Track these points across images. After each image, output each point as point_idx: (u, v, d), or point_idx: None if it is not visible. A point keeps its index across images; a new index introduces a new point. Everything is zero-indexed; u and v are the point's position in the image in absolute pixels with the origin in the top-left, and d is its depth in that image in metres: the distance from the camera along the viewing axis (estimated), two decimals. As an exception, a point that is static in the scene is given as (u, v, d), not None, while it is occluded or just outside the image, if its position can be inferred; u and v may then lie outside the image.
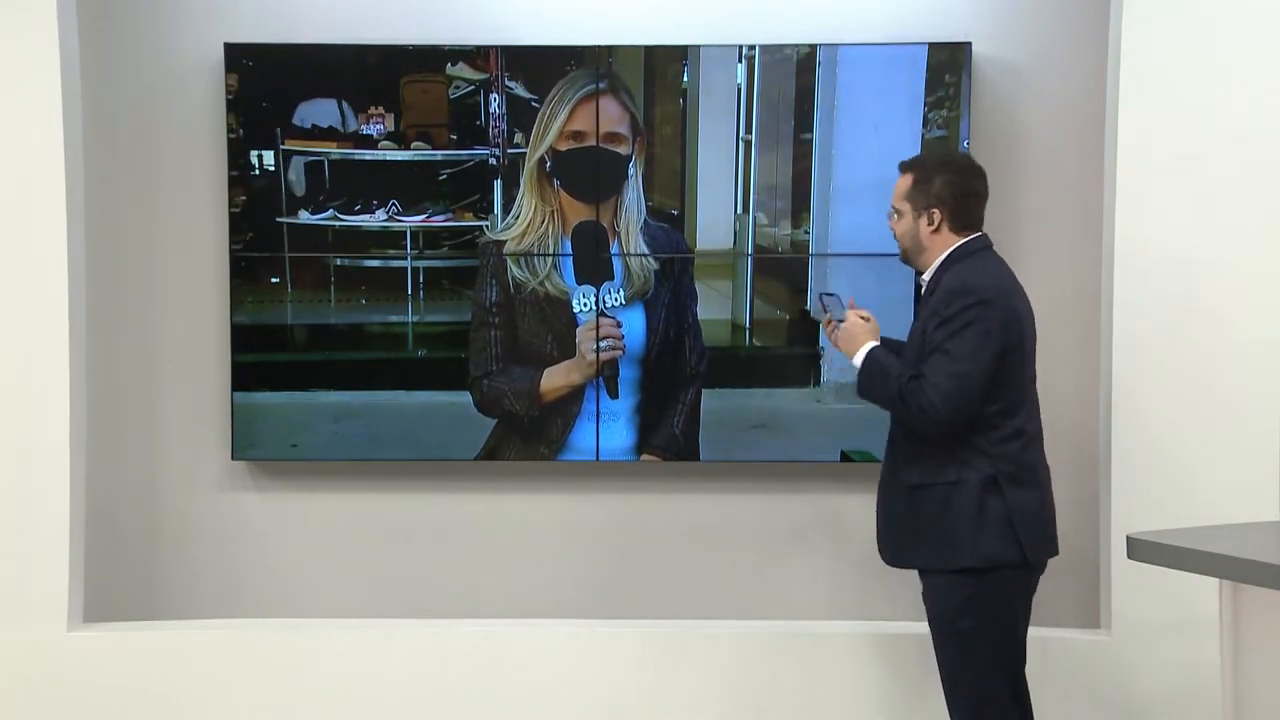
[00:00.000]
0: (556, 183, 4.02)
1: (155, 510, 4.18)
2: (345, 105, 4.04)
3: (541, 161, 4.02)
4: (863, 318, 3.31)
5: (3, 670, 3.89)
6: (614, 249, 4.03)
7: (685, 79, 4.03)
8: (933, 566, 3.20)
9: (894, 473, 3.27)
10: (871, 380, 3.22)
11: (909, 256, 3.32)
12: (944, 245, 3.23)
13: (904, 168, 3.32)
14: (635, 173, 4.01)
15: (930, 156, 3.54)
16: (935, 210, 3.23)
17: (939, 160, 3.36)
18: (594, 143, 4.00)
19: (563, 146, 4.01)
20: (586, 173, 4.01)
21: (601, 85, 3.99)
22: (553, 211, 4.03)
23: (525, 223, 4.03)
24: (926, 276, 3.26)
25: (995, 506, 3.13)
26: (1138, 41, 3.73)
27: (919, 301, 3.38)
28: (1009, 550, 3.13)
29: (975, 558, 3.13)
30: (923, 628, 3.33)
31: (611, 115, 4.00)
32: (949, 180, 3.24)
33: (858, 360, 3.25)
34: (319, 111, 4.04)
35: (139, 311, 4.15)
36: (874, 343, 3.25)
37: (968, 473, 3.14)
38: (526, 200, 4.03)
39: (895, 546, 3.29)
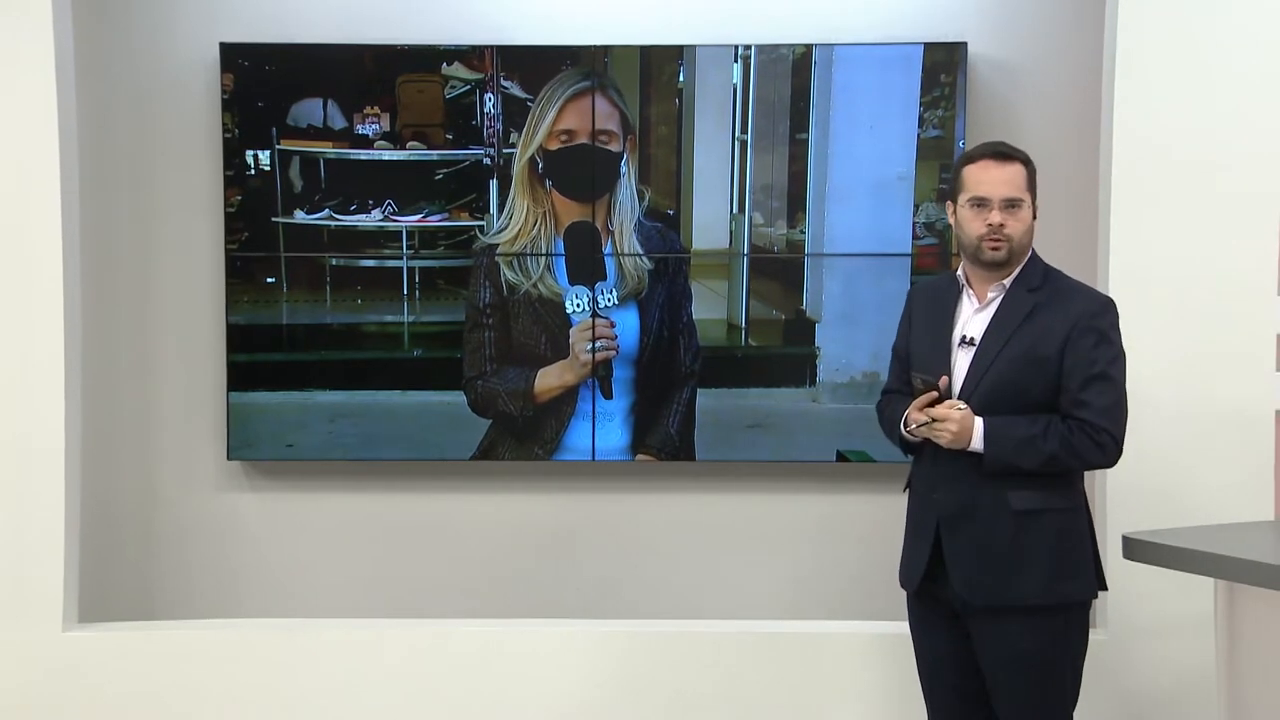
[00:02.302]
0: (548, 183, 4.01)
1: (151, 510, 4.19)
2: (341, 105, 4.04)
3: (532, 162, 4.01)
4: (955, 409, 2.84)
5: (-1, 670, 3.89)
6: (607, 249, 4.02)
7: (681, 79, 4.02)
8: (1041, 601, 2.85)
9: (992, 497, 2.86)
10: (1007, 452, 2.82)
11: (1011, 256, 2.89)
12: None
13: (1007, 156, 2.89)
14: (627, 170, 4.01)
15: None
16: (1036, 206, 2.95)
17: None
18: (584, 141, 4.00)
19: (553, 145, 4.00)
20: (578, 171, 4.01)
21: (590, 83, 3.99)
22: (545, 213, 4.02)
23: (517, 225, 4.03)
24: (1008, 282, 2.92)
25: (1091, 533, 2.96)
26: (1133, 40, 3.72)
27: (958, 303, 2.98)
28: (1100, 579, 2.97)
29: (1090, 590, 2.91)
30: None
31: (600, 112, 3.99)
32: None
33: (977, 439, 2.82)
34: (314, 111, 4.04)
35: (134, 311, 4.15)
36: (979, 419, 2.83)
37: (1079, 498, 2.93)
38: (518, 202, 4.02)
39: (990, 579, 2.87)
